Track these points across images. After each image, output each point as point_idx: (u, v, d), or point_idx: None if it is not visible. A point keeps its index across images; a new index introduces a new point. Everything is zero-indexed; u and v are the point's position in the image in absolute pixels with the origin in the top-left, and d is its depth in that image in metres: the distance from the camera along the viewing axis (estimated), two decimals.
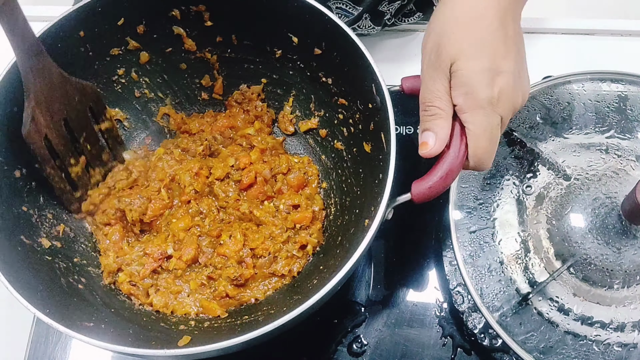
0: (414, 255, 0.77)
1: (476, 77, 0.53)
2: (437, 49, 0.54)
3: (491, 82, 0.53)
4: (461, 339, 0.72)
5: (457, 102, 0.54)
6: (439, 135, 0.55)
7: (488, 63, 0.53)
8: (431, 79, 0.55)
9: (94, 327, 0.60)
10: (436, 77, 0.54)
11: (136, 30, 0.72)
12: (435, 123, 0.55)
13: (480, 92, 0.53)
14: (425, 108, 0.56)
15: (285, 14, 0.69)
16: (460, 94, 0.54)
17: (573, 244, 0.67)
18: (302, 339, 0.72)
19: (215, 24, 0.74)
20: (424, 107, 0.56)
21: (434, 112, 0.55)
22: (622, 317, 0.66)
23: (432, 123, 0.55)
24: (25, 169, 0.67)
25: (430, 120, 0.55)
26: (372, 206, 0.62)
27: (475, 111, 0.54)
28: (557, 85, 0.76)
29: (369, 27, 0.87)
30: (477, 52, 0.53)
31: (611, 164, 0.71)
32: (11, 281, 0.56)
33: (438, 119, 0.55)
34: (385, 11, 0.85)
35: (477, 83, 0.53)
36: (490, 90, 0.53)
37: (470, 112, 0.54)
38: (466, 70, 0.53)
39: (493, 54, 0.53)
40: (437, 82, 0.54)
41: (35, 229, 0.66)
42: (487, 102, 0.53)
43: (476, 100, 0.53)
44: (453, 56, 0.54)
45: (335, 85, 0.73)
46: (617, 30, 0.90)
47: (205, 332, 0.66)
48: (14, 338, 0.74)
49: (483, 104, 0.53)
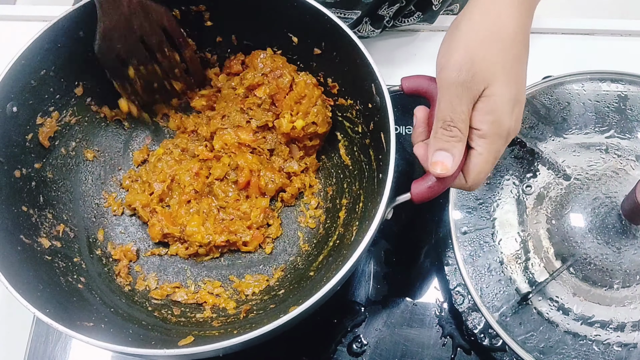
0: (413, 255, 0.77)
1: (504, 107, 0.52)
2: (470, 67, 0.51)
3: (512, 112, 0.52)
4: (461, 338, 0.72)
5: (481, 127, 0.52)
6: (457, 157, 0.53)
7: (515, 92, 0.52)
8: (458, 98, 0.52)
9: (93, 327, 0.60)
10: (464, 97, 0.52)
11: None
12: (454, 145, 0.53)
13: (505, 123, 0.52)
14: (445, 127, 0.53)
15: (285, 14, 0.69)
16: (487, 121, 0.52)
17: (573, 244, 0.67)
18: (302, 339, 0.72)
19: (215, 24, 0.74)
20: (445, 125, 0.53)
21: (455, 134, 0.53)
22: (622, 317, 0.66)
23: (452, 144, 0.53)
24: (25, 169, 0.67)
25: (450, 141, 0.53)
26: (372, 206, 0.62)
27: (494, 140, 0.53)
28: (557, 85, 0.76)
29: (369, 31, 0.87)
30: (509, 80, 0.52)
31: (611, 163, 0.71)
32: (11, 281, 0.56)
33: (458, 143, 0.53)
34: (385, 14, 0.85)
35: (504, 112, 0.52)
36: (511, 122, 0.53)
37: (491, 140, 0.53)
38: (499, 97, 0.52)
39: (520, 83, 0.53)
40: (464, 103, 0.52)
41: (35, 229, 0.66)
42: (506, 133, 0.53)
43: (500, 130, 0.52)
44: (488, 79, 0.51)
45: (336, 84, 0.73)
46: (617, 30, 0.90)
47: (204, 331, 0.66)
48: (14, 338, 0.74)
49: (503, 135, 0.53)
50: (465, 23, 0.54)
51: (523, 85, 0.54)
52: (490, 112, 0.52)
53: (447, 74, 0.52)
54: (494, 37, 0.52)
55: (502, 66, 0.52)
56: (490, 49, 0.52)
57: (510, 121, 0.53)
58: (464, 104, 0.52)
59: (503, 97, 0.52)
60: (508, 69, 0.52)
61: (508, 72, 0.52)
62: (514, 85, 0.52)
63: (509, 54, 0.52)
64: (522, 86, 0.53)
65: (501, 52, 0.52)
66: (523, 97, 0.54)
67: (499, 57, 0.52)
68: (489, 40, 0.52)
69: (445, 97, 0.53)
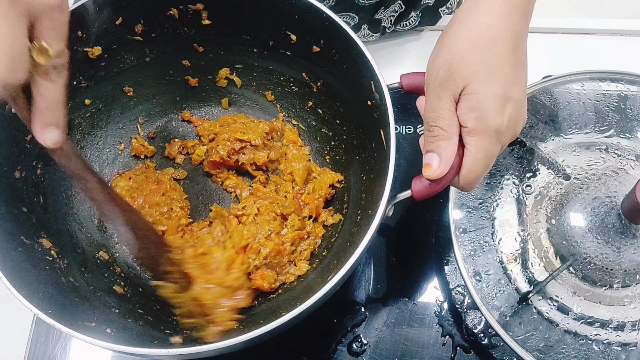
0: (413, 255, 0.77)
1: (489, 103, 0.52)
2: (448, 67, 0.53)
3: (502, 109, 0.53)
4: (461, 338, 0.72)
5: (467, 125, 0.53)
6: (443, 156, 0.54)
7: (501, 90, 0.52)
8: (437, 97, 0.53)
9: (96, 327, 0.60)
10: (442, 96, 0.53)
11: (134, 30, 0.72)
12: (439, 144, 0.54)
13: (491, 120, 0.52)
14: (428, 128, 0.54)
15: (283, 12, 0.69)
16: (472, 117, 0.53)
17: (573, 243, 0.67)
18: (302, 339, 0.72)
19: (213, 23, 0.74)
20: (428, 126, 0.54)
21: (437, 133, 0.54)
22: (621, 317, 0.66)
23: (435, 144, 0.54)
24: (24, 170, 0.67)
25: (433, 141, 0.54)
26: (373, 203, 0.62)
27: (481, 137, 0.53)
28: (557, 85, 0.76)
29: (367, 36, 0.87)
30: (491, 78, 0.52)
31: (611, 163, 0.71)
32: (13, 282, 0.56)
33: (441, 140, 0.53)
34: (382, 18, 0.85)
35: (489, 109, 0.52)
36: (501, 119, 0.53)
37: (477, 137, 0.53)
38: (480, 94, 0.52)
39: (505, 81, 0.53)
40: (443, 101, 0.53)
41: (36, 230, 0.66)
42: (494, 131, 0.53)
43: (486, 127, 0.53)
44: (467, 78, 0.52)
45: (334, 82, 0.73)
46: (617, 30, 0.90)
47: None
48: (14, 338, 0.74)
49: (490, 132, 0.53)
50: (452, 27, 0.55)
51: (513, 84, 0.53)
52: (473, 109, 0.52)
53: (429, 76, 0.55)
54: (476, 38, 0.53)
55: (482, 65, 0.52)
56: (470, 50, 0.53)
57: (500, 120, 0.53)
58: (443, 102, 0.53)
59: (485, 94, 0.52)
60: (490, 68, 0.53)
61: (490, 71, 0.52)
62: (497, 83, 0.52)
63: (490, 53, 0.53)
64: (512, 84, 0.53)
65: (482, 51, 0.53)
66: (516, 95, 0.53)
67: (479, 56, 0.53)
68: (471, 42, 0.53)
69: (427, 99, 0.55)
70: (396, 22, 0.87)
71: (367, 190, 0.69)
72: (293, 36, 0.72)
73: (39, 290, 0.59)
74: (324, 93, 0.76)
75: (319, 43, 0.70)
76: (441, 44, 0.55)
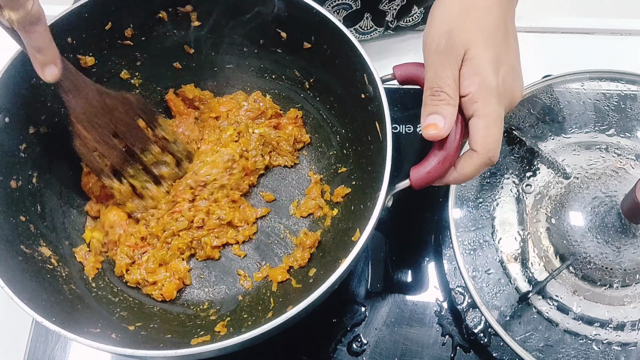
0: (413, 254, 0.77)
1: (488, 66, 0.54)
2: (448, 35, 0.54)
3: (497, 71, 0.54)
4: (461, 337, 0.72)
5: (469, 91, 0.54)
6: (447, 119, 0.54)
7: (495, 54, 0.54)
8: (441, 65, 0.54)
9: (101, 332, 0.60)
10: (446, 64, 0.54)
11: (124, 34, 0.72)
12: (444, 108, 0.54)
13: (492, 82, 0.53)
14: (433, 93, 0.55)
15: (273, 10, 0.69)
16: (474, 82, 0.53)
17: (572, 243, 0.67)
18: (302, 338, 0.72)
19: (203, 24, 0.74)
20: (432, 92, 0.55)
21: (443, 98, 0.54)
22: (621, 316, 0.66)
23: (441, 107, 0.54)
24: (20, 180, 0.67)
25: (439, 104, 0.54)
26: (372, 195, 0.61)
27: (487, 99, 0.53)
28: (557, 84, 0.76)
29: (370, 28, 0.87)
30: (488, 43, 0.54)
31: (611, 162, 0.71)
32: (15, 291, 0.56)
33: (447, 105, 0.54)
34: (386, 10, 0.85)
35: (489, 72, 0.54)
36: (497, 79, 0.54)
37: (483, 101, 0.53)
38: (480, 59, 0.54)
39: (499, 47, 0.55)
40: (447, 68, 0.54)
41: (35, 238, 0.66)
42: (496, 92, 0.54)
43: (488, 89, 0.53)
44: (467, 43, 0.54)
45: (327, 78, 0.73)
46: (617, 29, 0.90)
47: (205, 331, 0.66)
48: (14, 338, 0.74)
49: (493, 93, 0.54)
50: (440, 4, 0.58)
51: (505, 51, 0.56)
52: (475, 73, 0.54)
53: (428, 47, 0.56)
54: (468, 9, 0.56)
55: (479, 31, 0.55)
56: (466, 19, 0.55)
57: (497, 80, 0.54)
58: (448, 69, 0.54)
59: (485, 58, 0.54)
60: (486, 34, 0.55)
61: (487, 36, 0.55)
62: (492, 48, 0.55)
63: (485, 20, 0.56)
64: (504, 51, 0.55)
65: (478, 19, 0.56)
66: (508, 60, 0.55)
67: (475, 24, 0.55)
68: (464, 12, 0.56)
69: (429, 68, 0.55)
70: (399, 16, 0.87)
71: (366, 184, 0.69)
72: (283, 34, 0.72)
73: (42, 298, 0.59)
74: (317, 89, 0.76)
75: (310, 39, 0.70)
76: (434, 16, 0.57)
